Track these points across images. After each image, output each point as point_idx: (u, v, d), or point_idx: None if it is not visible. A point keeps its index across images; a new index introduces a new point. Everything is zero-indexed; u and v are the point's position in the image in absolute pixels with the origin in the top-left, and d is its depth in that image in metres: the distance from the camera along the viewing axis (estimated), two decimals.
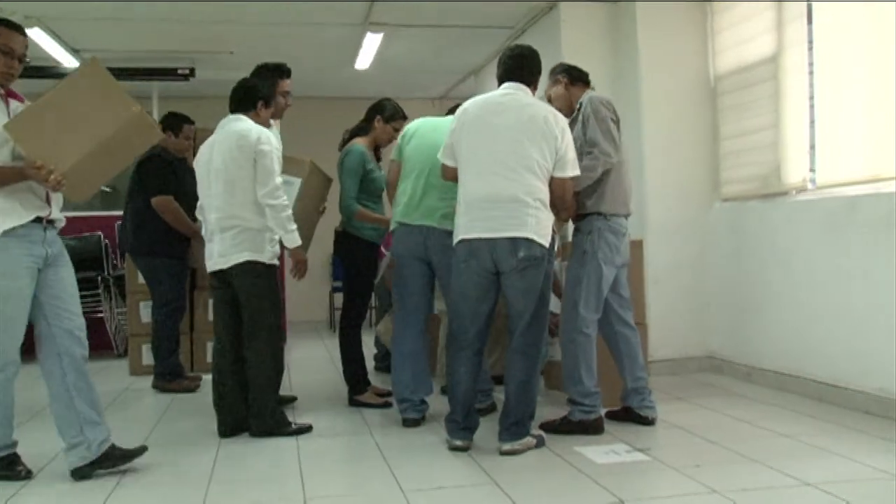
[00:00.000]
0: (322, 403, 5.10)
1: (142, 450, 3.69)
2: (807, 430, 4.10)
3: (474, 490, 3.34)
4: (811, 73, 4.94)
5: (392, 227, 4.54)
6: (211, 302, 5.31)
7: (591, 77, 6.34)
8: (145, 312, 6.52)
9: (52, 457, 3.86)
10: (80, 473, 3.52)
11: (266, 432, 4.22)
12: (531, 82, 4.01)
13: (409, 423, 4.40)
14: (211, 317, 6.01)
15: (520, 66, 3.98)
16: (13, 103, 3.46)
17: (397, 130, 4.92)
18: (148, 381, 5.92)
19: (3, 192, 3.33)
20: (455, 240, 3.90)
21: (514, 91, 3.94)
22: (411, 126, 4.64)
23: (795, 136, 5.09)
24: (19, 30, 3.44)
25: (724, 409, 4.67)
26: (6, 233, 3.32)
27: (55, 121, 3.38)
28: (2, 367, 3.43)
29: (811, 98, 4.94)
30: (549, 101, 4.41)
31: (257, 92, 4.40)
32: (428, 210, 4.40)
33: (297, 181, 4.69)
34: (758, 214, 5.41)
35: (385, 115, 4.99)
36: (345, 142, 5.05)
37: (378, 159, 5.04)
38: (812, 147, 4.96)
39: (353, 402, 4.98)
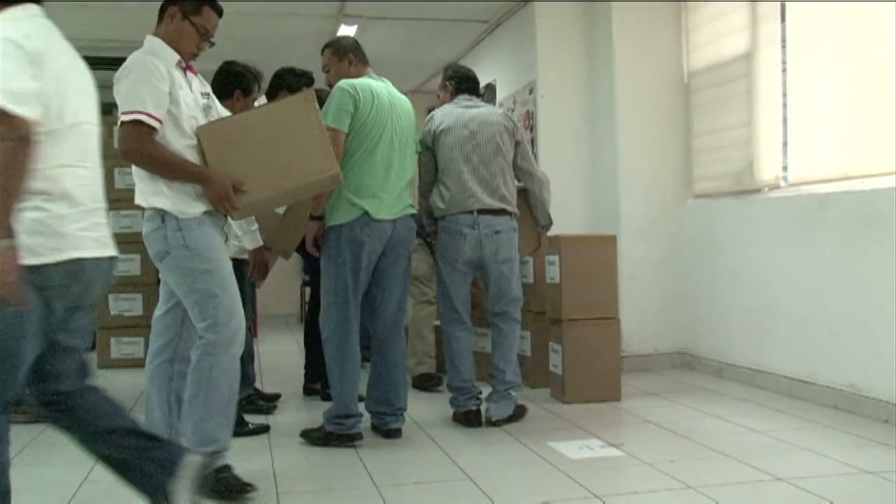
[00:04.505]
0: (292, 398, 5.06)
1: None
2: (778, 426, 4.13)
3: (449, 485, 3.32)
4: (784, 71, 4.97)
5: (355, 214, 3.89)
6: None
7: (565, 72, 6.38)
8: (114, 305, 6.47)
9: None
10: None
11: None
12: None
13: (358, 437, 3.97)
14: None
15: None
16: (189, 75, 3.29)
17: None
18: (118, 373, 5.83)
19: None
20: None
21: None
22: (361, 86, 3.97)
23: (768, 134, 5.13)
24: (221, 13, 3.33)
25: (696, 404, 4.70)
26: (206, 213, 3.16)
27: (252, 145, 3.21)
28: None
29: (784, 96, 4.97)
30: (438, 98, 4.65)
31: (236, 79, 4.28)
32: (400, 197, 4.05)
33: None
34: (731, 211, 5.44)
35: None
36: None
37: None
38: (785, 144, 4.99)
39: (308, 391, 5.01)
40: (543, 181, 4.55)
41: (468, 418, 4.27)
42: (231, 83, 4.27)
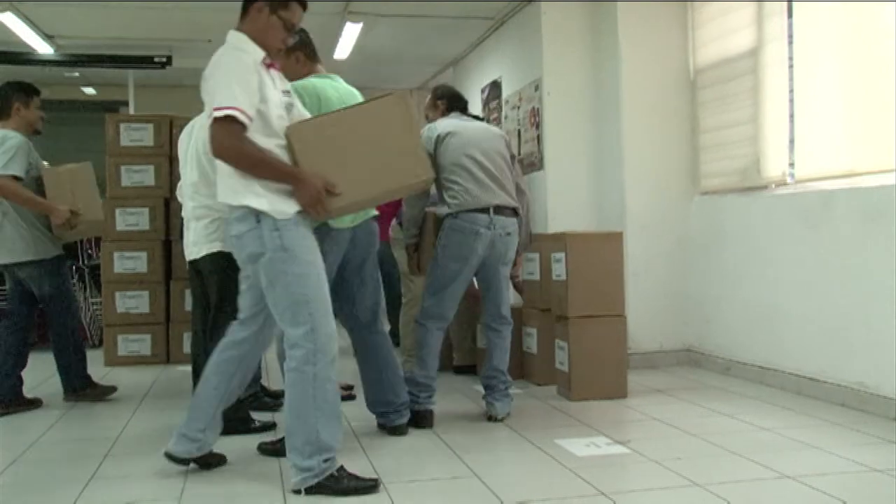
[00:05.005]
0: None
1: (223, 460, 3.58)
2: (785, 424, 4.12)
3: (456, 483, 3.32)
4: (791, 67, 4.95)
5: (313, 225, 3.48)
6: (188, 292, 5.27)
7: (571, 69, 6.38)
8: (121, 302, 6.49)
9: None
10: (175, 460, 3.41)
11: (227, 430, 4.11)
12: None
13: None
14: (187, 307, 5.97)
15: None
16: (272, 72, 3.22)
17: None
18: (125, 370, 5.85)
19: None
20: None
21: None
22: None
23: (775, 130, 5.11)
24: (305, 7, 3.30)
25: (703, 402, 4.69)
26: (300, 212, 3.12)
27: (344, 146, 3.13)
28: (313, 353, 3.11)
29: (791, 92, 4.96)
30: (427, 118, 4.60)
31: None
32: None
33: None
34: (737, 208, 5.43)
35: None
36: None
37: None
38: (791, 141, 4.98)
39: None
40: (530, 201, 4.57)
41: (423, 418, 4.20)
42: None
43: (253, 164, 3.05)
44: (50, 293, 4.87)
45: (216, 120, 2.98)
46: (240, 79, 3.02)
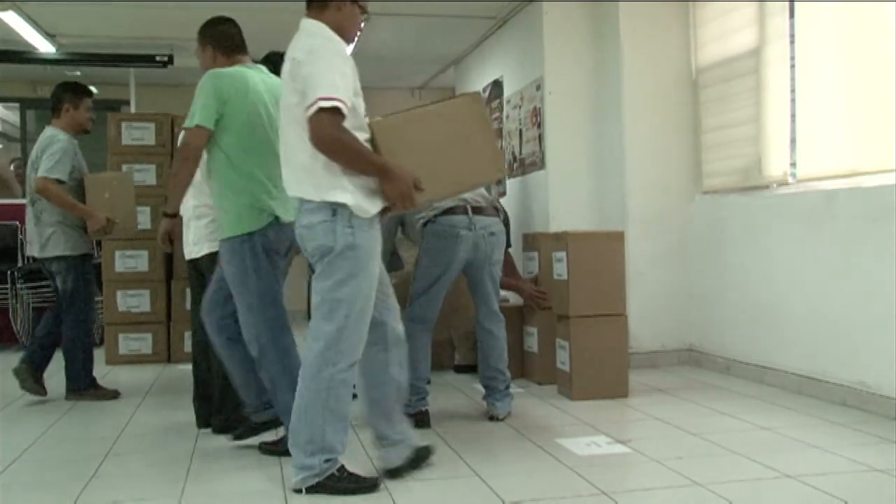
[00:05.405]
0: None
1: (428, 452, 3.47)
2: (786, 423, 4.11)
3: (457, 482, 3.32)
4: (793, 66, 4.94)
5: (266, 221, 3.51)
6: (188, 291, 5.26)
7: (572, 69, 6.39)
8: (122, 301, 6.50)
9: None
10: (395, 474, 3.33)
11: (228, 429, 4.07)
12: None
13: None
14: (188, 306, 5.97)
15: None
16: None
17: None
18: (125, 369, 5.85)
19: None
20: None
21: None
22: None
23: (776, 130, 5.11)
24: None
25: (704, 401, 4.68)
26: (375, 216, 3.11)
27: (427, 143, 3.20)
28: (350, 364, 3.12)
29: (792, 91, 4.95)
30: None
31: None
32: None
33: None
34: (739, 207, 5.43)
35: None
36: None
37: None
38: (793, 140, 4.97)
39: None
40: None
41: (420, 419, 4.16)
42: None
43: (353, 155, 3.00)
44: (72, 288, 4.99)
45: (322, 110, 2.92)
46: (339, 69, 3.01)
